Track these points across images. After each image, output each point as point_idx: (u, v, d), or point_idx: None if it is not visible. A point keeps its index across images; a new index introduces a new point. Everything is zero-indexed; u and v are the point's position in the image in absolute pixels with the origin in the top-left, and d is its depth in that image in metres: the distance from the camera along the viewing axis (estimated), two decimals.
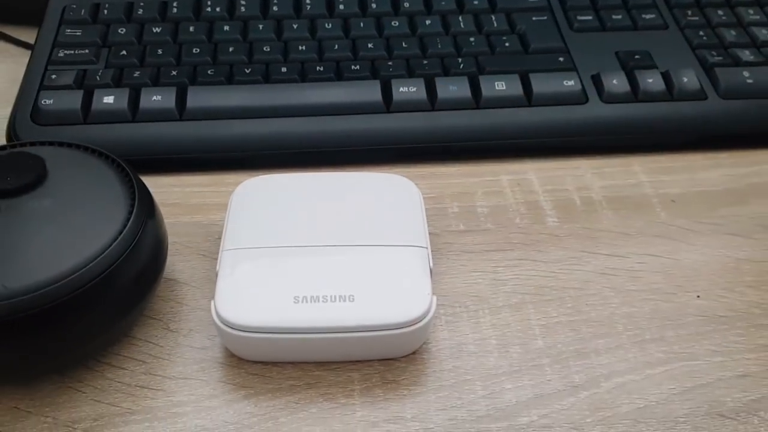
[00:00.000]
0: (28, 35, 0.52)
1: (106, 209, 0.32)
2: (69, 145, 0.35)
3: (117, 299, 0.31)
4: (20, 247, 0.30)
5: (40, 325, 0.29)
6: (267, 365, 0.32)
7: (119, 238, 0.31)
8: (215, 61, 0.45)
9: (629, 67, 0.44)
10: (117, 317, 0.32)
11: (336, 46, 0.46)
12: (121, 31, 0.46)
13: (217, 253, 0.34)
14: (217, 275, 0.33)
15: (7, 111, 0.43)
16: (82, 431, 0.30)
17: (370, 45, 0.46)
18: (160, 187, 0.41)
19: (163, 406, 0.31)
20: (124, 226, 0.31)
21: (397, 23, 0.47)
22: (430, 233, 0.35)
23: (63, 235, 0.31)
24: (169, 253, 0.35)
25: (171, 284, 0.36)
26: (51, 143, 0.35)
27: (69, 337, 0.30)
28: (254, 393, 0.31)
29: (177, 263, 0.37)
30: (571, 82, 0.44)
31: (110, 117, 0.42)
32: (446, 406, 0.31)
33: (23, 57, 0.50)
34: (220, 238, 0.35)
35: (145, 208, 0.33)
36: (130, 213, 0.32)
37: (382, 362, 0.33)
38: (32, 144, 0.35)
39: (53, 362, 0.31)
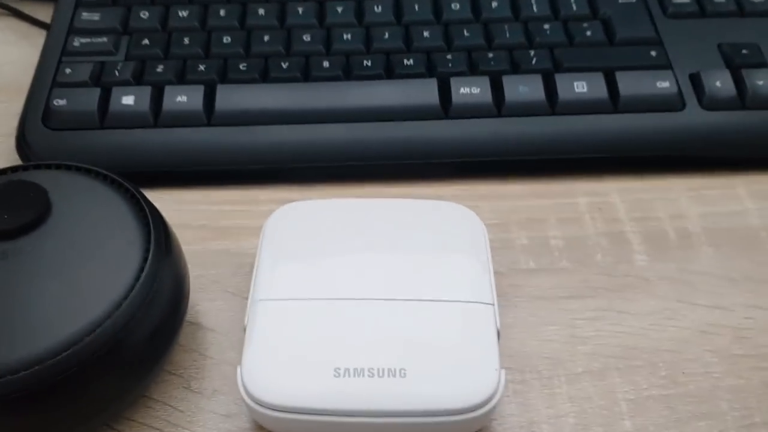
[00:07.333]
0: (46, 13, 0.46)
1: (117, 253, 0.27)
2: (77, 169, 0.30)
3: (130, 364, 0.27)
4: (18, 307, 0.26)
5: (40, 403, 0.25)
6: None
7: (132, 293, 0.26)
8: (248, 53, 0.39)
9: (735, 64, 0.37)
10: (130, 383, 0.27)
11: (386, 35, 0.39)
12: (144, 14, 0.41)
13: (247, 293, 0.30)
14: (245, 332, 0.28)
15: (20, 106, 0.38)
16: None
17: (425, 33, 0.39)
18: (185, 204, 0.36)
19: None
20: (138, 277, 0.27)
21: (458, 6, 0.41)
22: (494, 272, 0.29)
23: (67, 290, 0.26)
24: (192, 289, 0.31)
25: (194, 330, 0.31)
26: (57, 166, 0.30)
27: (75, 412, 0.26)
28: None
29: (201, 302, 0.32)
30: (665, 83, 0.37)
31: (130, 121, 0.37)
32: None
33: (41, 38, 0.45)
34: (250, 272, 0.30)
35: (161, 249, 0.28)
36: (145, 259, 0.27)
37: None
38: (36, 167, 0.30)
39: None
